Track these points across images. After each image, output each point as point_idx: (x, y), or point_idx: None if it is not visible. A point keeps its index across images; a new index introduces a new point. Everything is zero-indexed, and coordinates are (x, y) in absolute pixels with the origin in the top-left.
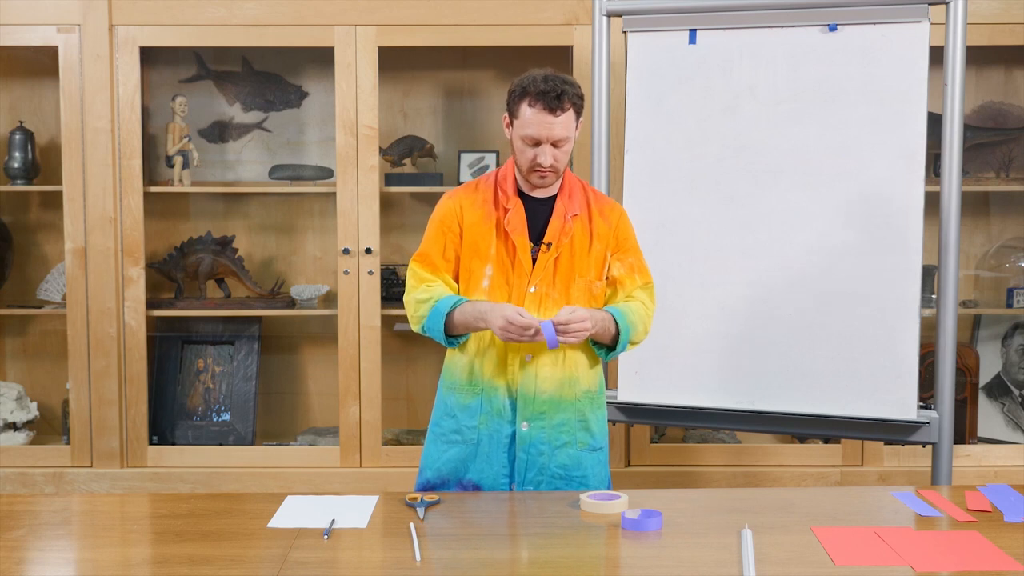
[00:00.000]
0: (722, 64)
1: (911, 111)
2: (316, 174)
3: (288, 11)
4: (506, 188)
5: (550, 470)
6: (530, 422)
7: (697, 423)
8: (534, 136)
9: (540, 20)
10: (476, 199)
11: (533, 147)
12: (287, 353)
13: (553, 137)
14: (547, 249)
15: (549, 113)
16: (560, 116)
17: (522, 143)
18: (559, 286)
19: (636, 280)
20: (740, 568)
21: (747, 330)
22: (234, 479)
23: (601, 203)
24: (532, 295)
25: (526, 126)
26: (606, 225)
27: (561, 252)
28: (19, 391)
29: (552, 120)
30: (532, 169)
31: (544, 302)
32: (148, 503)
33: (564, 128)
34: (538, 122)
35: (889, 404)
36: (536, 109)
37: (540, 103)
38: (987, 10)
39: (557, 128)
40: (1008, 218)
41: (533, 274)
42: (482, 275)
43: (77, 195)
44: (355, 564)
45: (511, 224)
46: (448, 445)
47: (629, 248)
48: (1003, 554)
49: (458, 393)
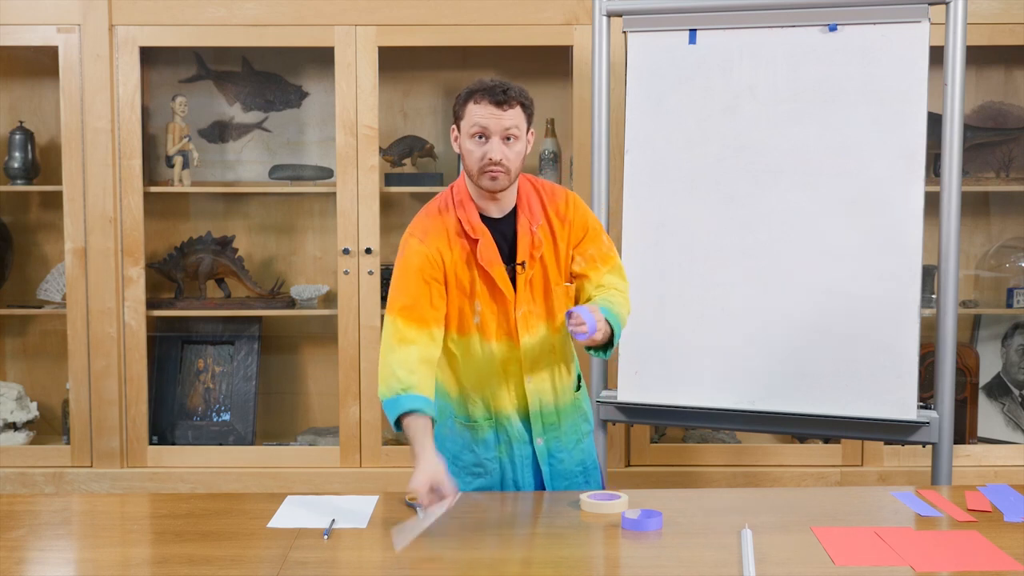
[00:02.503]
0: (722, 64)
1: (911, 111)
2: (316, 174)
3: (288, 11)
4: (468, 216)
5: (573, 471)
6: (544, 436)
7: (697, 423)
8: (482, 126)
9: (540, 20)
10: (447, 236)
11: (482, 145)
12: (287, 353)
13: (502, 127)
14: (523, 269)
15: (496, 107)
16: (508, 111)
17: (470, 142)
18: (538, 300)
19: (600, 268)
20: (740, 568)
21: (747, 330)
22: (234, 479)
23: (554, 201)
24: (521, 317)
25: (473, 119)
26: (563, 227)
27: (535, 268)
28: (19, 391)
29: (500, 112)
30: (483, 170)
31: (529, 319)
32: (148, 503)
33: (513, 121)
34: (486, 114)
35: (889, 404)
36: (483, 104)
37: (486, 98)
38: (987, 10)
39: (506, 119)
40: (1008, 218)
41: (518, 299)
42: (472, 312)
43: (77, 195)
44: (355, 564)
45: (483, 257)
46: (472, 477)
47: (587, 238)
48: (1003, 554)
49: (473, 429)
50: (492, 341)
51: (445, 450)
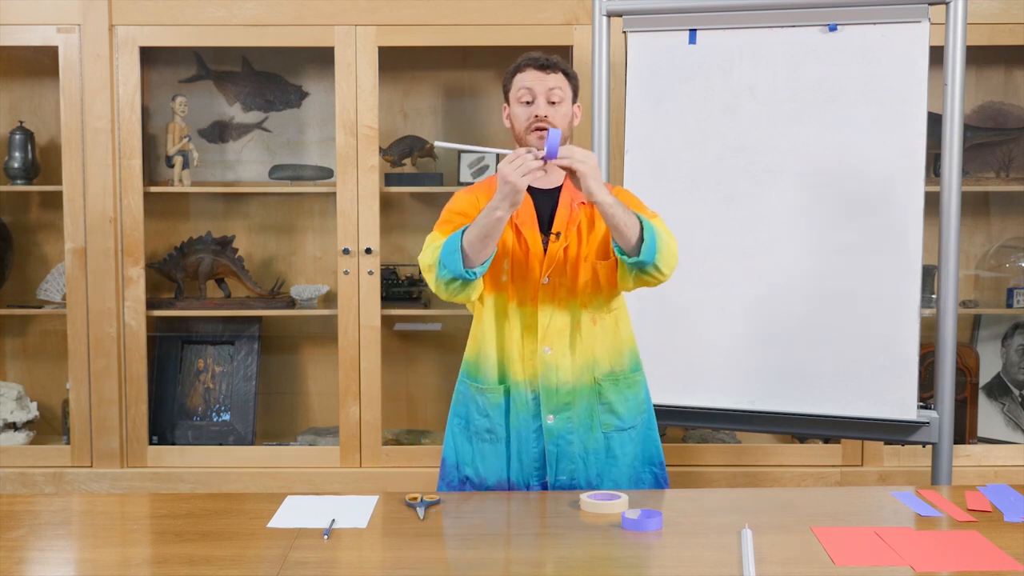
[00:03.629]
0: (722, 64)
1: (911, 111)
2: (316, 174)
3: (288, 11)
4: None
5: (579, 456)
6: (555, 414)
7: (697, 423)
8: (529, 88)
9: (540, 20)
10: (490, 193)
11: (528, 105)
12: (287, 353)
13: (546, 87)
14: (556, 239)
15: (540, 71)
16: (551, 74)
17: (518, 106)
18: (569, 273)
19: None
20: (740, 568)
21: (747, 330)
22: (234, 479)
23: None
24: (545, 286)
25: (520, 85)
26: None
27: (569, 240)
28: (19, 391)
29: (543, 75)
30: (530, 128)
31: (557, 292)
32: (148, 503)
33: (556, 83)
34: (532, 78)
35: (889, 404)
36: (527, 70)
37: (531, 66)
38: (987, 10)
39: (549, 81)
40: (1008, 218)
41: (545, 264)
42: (500, 270)
43: (77, 195)
44: (355, 564)
45: (520, 217)
46: (484, 444)
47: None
48: (1003, 554)
49: (488, 393)
50: (515, 303)
51: (458, 412)
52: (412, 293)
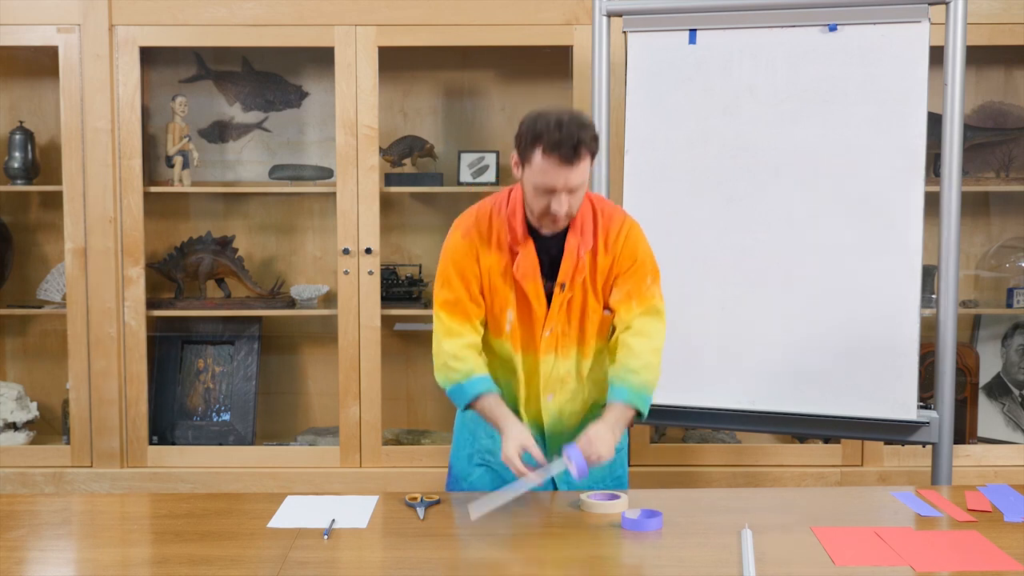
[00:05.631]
0: (722, 64)
1: (911, 111)
2: (316, 174)
3: (288, 11)
4: (516, 228)
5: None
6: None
7: (697, 423)
8: (549, 185)
9: (540, 20)
10: (489, 240)
11: (546, 194)
12: (287, 353)
13: (569, 185)
14: (561, 290)
15: (566, 164)
16: (577, 165)
17: (534, 190)
18: (573, 323)
19: (633, 308)
20: (740, 568)
21: (747, 330)
22: (234, 479)
23: (607, 228)
24: (547, 338)
25: (539, 175)
26: (607, 255)
27: (575, 291)
28: (19, 391)
29: (568, 170)
30: (544, 214)
31: (560, 341)
32: (148, 503)
33: (580, 176)
34: (553, 173)
35: (889, 404)
36: (551, 160)
37: (555, 154)
38: (987, 10)
39: (573, 177)
40: (1008, 218)
41: (548, 317)
42: (504, 319)
43: (77, 195)
44: (355, 564)
45: (520, 270)
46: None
47: (629, 271)
48: (1003, 554)
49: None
50: (519, 353)
51: (466, 427)
52: (412, 293)
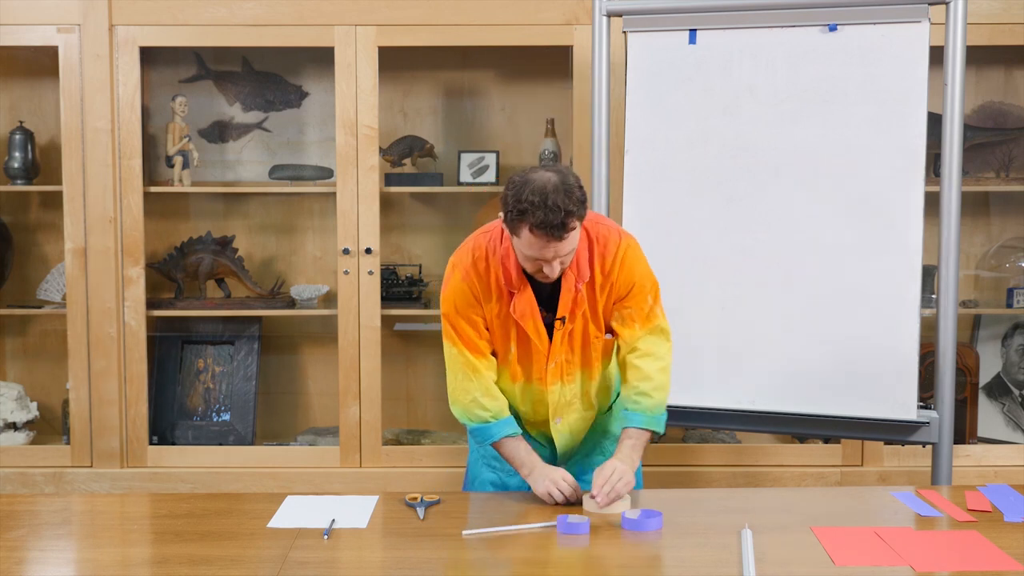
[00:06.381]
0: (722, 64)
1: (911, 111)
2: (316, 174)
3: (288, 11)
4: (511, 272)
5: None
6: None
7: (697, 423)
8: (539, 257)
9: (540, 20)
10: (488, 281)
11: (537, 261)
12: (287, 353)
13: (560, 255)
14: (562, 324)
15: (555, 240)
16: (567, 236)
17: (524, 258)
18: (576, 351)
19: (636, 330)
20: (740, 568)
21: (747, 330)
22: (234, 479)
23: (604, 256)
24: (552, 369)
25: (527, 248)
26: (605, 283)
27: (576, 323)
28: (19, 391)
29: (557, 244)
30: (537, 272)
31: (565, 369)
32: (148, 503)
33: (570, 244)
34: (541, 247)
35: (889, 404)
36: (539, 236)
37: (543, 232)
38: (987, 10)
39: (563, 247)
40: (1008, 218)
41: (551, 351)
42: (508, 352)
43: (77, 195)
44: (355, 564)
45: (518, 311)
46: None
47: (629, 295)
48: (1003, 554)
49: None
50: (526, 383)
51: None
52: (412, 293)
